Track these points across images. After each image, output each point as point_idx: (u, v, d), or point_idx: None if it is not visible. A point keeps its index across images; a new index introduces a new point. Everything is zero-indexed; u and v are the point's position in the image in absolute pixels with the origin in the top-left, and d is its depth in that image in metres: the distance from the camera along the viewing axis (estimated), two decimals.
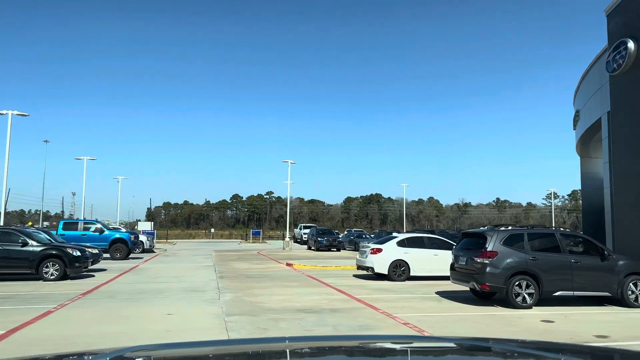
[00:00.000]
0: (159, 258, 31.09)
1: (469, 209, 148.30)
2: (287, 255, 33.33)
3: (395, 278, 17.81)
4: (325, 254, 35.44)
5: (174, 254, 35.60)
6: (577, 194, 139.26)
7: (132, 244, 29.41)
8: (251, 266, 24.66)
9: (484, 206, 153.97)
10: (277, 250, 40.35)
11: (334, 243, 38.85)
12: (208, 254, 35.98)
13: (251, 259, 29.89)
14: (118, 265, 24.57)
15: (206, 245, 54.26)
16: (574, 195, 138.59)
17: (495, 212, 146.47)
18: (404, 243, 18.40)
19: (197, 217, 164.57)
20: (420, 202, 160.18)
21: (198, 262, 27.81)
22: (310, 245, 41.36)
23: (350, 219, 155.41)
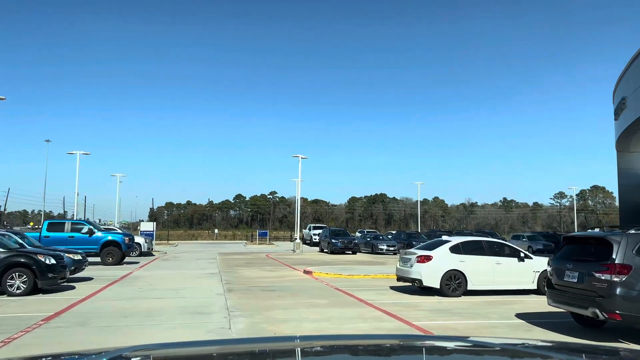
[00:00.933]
0: (157, 263, 27.26)
1: (475, 209, 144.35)
2: (300, 260, 29.51)
3: (449, 293, 13.95)
4: (341, 258, 31.62)
5: (175, 258, 31.78)
6: (586, 193, 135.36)
7: (126, 247, 25.58)
8: (263, 274, 20.85)
9: (489, 206, 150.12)
10: (287, 253, 36.53)
11: (350, 245, 34.98)
12: (212, 257, 32.17)
13: (261, 264, 26.06)
14: (108, 273, 20.78)
15: (210, 247, 50.44)
16: (582, 195, 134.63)
17: (502, 212, 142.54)
18: (459, 249, 14.51)
19: (200, 218, 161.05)
20: (426, 202, 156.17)
21: (201, 268, 24.00)
22: (323, 248, 37.52)
23: (354, 219, 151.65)
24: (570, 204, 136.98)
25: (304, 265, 24.81)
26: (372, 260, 29.93)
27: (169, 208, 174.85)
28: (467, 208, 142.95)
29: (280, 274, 20.64)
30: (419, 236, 37.52)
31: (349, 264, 25.95)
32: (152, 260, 29.30)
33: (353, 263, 27.08)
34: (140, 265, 25.32)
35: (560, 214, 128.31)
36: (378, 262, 27.85)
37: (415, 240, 35.98)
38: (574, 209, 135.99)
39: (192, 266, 24.92)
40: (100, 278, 18.73)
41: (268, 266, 24.89)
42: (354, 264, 26.04)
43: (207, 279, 18.61)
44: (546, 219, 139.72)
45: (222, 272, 21.51)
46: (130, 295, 14.39)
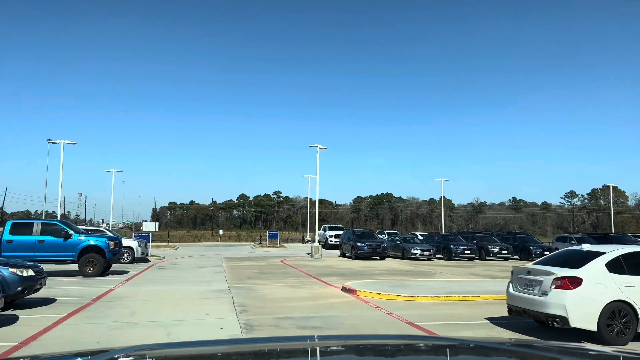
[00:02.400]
0: (150, 273, 21.64)
1: (484, 208, 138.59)
2: (324, 268, 23.90)
3: (611, 338, 8.31)
4: (371, 265, 26.00)
5: (174, 265, 26.14)
6: (597, 193, 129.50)
7: (111, 254, 19.96)
8: (288, 292, 15.22)
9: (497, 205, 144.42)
10: (304, 258, 30.92)
11: (378, 250, 29.32)
12: (217, 264, 26.54)
13: (280, 275, 20.44)
14: (81, 290, 15.22)
15: (214, 250, 44.75)
16: (593, 194, 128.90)
17: (511, 212, 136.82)
18: (619, 266, 8.88)
19: (203, 218, 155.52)
20: (432, 201, 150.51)
21: (204, 280, 18.39)
22: (345, 252, 31.87)
23: (360, 219, 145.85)
24: (581, 203, 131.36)
25: (334, 277, 19.20)
26: (410, 269, 24.32)
27: (172, 208, 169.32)
28: (476, 208, 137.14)
29: (312, 293, 15.00)
30: (455, 238, 31.91)
31: (390, 275, 20.34)
32: (145, 268, 23.68)
33: (392, 273, 21.47)
34: (128, 276, 19.73)
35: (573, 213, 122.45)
36: (421, 272, 22.24)
37: (453, 244, 30.38)
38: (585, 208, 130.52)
39: (193, 278, 19.29)
40: (66, 300, 13.18)
41: (290, 278, 19.26)
42: (397, 275, 20.44)
43: (213, 302, 12.97)
44: (556, 218, 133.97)
45: (233, 288, 15.89)
46: (93, 337, 8.81)
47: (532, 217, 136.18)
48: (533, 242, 32.82)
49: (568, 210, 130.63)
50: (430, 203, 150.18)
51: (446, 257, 30.65)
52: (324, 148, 32.19)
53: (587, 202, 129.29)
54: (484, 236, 33.15)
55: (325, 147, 32.08)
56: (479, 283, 17.30)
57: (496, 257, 31.25)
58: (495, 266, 26.86)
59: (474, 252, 30.32)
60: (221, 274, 20.63)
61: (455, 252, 30.19)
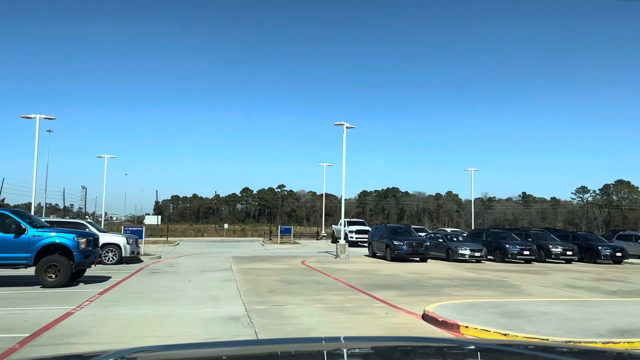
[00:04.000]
0: (136, 281, 15.85)
1: (492, 203, 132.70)
2: (361, 273, 18.15)
3: None
4: (418, 269, 20.27)
5: (169, 268, 20.37)
6: (610, 188, 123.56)
7: (82, 255, 14.22)
8: (338, 320, 9.44)
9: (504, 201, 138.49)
10: (328, 259, 25.20)
11: (420, 250, 23.51)
12: (224, 267, 20.80)
13: (311, 286, 14.65)
14: (15, 317, 9.52)
15: (219, 246, 38.86)
16: (605, 189, 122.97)
17: (520, 207, 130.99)
18: None
19: (206, 211, 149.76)
20: (439, 196, 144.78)
21: (209, 296, 12.63)
22: (376, 251, 26.11)
23: (365, 213, 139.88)
24: (593, 199, 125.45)
25: (390, 291, 13.47)
26: (472, 275, 18.63)
27: (175, 201, 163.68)
28: (485, 203, 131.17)
29: (380, 325, 9.22)
30: (507, 236, 26.07)
31: (458, 288, 14.60)
32: (133, 272, 17.93)
33: (458, 283, 15.73)
34: (106, 286, 14.00)
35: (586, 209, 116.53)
36: (493, 282, 16.52)
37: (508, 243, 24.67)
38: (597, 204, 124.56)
39: (193, 291, 13.50)
40: None
41: (329, 292, 13.45)
42: (466, 286, 14.70)
43: None
44: (566, 214, 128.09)
45: (253, 312, 10.12)
46: None
47: (541, 213, 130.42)
48: (599, 241, 27.02)
49: (579, 206, 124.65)
50: (437, 198, 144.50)
51: (499, 259, 24.90)
52: (351, 127, 26.32)
53: (599, 198, 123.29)
54: (539, 234, 27.37)
55: (353, 126, 26.25)
56: (623, 306, 11.41)
57: (559, 258, 25.48)
58: (573, 271, 21.14)
59: (533, 253, 24.58)
60: (231, 284, 14.87)
61: (511, 253, 24.42)
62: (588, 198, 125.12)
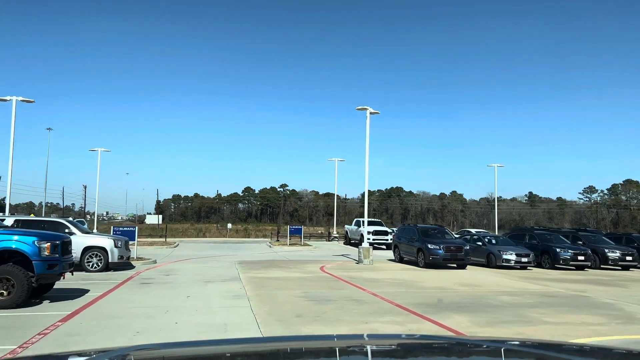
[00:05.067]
0: (118, 299, 12.03)
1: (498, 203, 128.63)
2: (403, 285, 14.42)
3: None
4: (464, 279, 16.57)
5: (165, 277, 16.60)
6: (618, 188, 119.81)
7: (45, 265, 10.51)
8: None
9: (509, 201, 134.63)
10: (350, 265, 21.52)
11: (459, 255, 19.76)
12: (231, 274, 17.06)
13: (350, 307, 10.85)
14: None
15: (222, 248, 35.01)
16: (614, 189, 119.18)
17: (527, 207, 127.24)
18: None
19: (207, 211, 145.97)
20: (443, 196, 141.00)
21: (213, 320, 8.89)
22: (403, 256, 22.38)
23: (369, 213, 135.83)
24: (601, 199, 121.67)
25: (454, 313, 9.76)
26: (538, 289, 14.96)
27: (176, 201, 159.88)
28: (491, 202, 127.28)
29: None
30: (554, 238, 22.27)
31: (549, 309, 10.83)
32: (117, 284, 14.18)
33: (536, 301, 11.98)
34: (76, 307, 10.24)
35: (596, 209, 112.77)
36: (568, 297, 12.79)
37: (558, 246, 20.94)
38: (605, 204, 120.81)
39: (190, 316, 9.72)
40: None
41: (376, 317, 9.69)
42: (559, 307, 10.92)
43: None
44: (573, 214, 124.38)
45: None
46: None
47: (548, 213, 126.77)
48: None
49: (587, 206, 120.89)
50: (441, 197, 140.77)
51: (548, 265, 21.18)
52: (375, 112, 22.56)
53: (607, 198, 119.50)
54: (590, 236, 23.59)
55: (377, 112, 22.50)
56: None
57: (617, 264, 21.76)
58: None
59: (588, 258, 20.86)
60: (243, 303, 11.11)
61: (563, 259, 20.68)
62: (596, 198, 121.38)
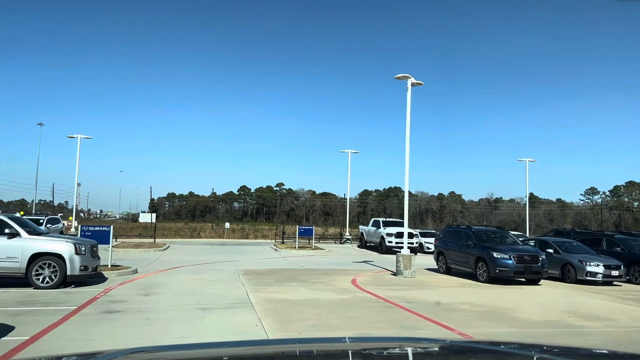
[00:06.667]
0: (57, 345, 6.99)
1: (499, 204, 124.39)
2: (481, 313, 9.42)
3: None
4: (559, 303, 11.57)
5: (145, 297, 11.43)
6: (620, 189, 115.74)
7: None
8: None
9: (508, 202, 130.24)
10: (383, 276, 16.48)
11: (535, 267, 14.71)
12: (236, 294, 11.92)
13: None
14: None
15: (220, 251, 29.49)
16: (616, 191, 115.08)
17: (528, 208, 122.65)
18: None
19: (202, 210, 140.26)
20: (441, 196, 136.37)
21: None
22: (450, 264, 17.31)
23: (366, 213, 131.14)
24: (603, 200, 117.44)
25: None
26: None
27: (171, 199, 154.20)
28: (491, 203, 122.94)
29: None
30: None
31: None
32: (67, 315, 9.00)
33: None
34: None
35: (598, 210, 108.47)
36: None
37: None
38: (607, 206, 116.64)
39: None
40: None
41: None
42: None
43: None
44: (574, 216, 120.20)
45: None
46: None
47: (549, 215, 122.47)
48: None
49: (588, 208, 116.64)
50: (440, 198, 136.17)
51: (639, 280, 16.24)
52: (418, 83, 17.31)
53: (610, 200, 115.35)
54: None
55: (421, 83, 17.36)
56: None
57: None
58: None
59: None
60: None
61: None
62: (597, 200, 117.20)
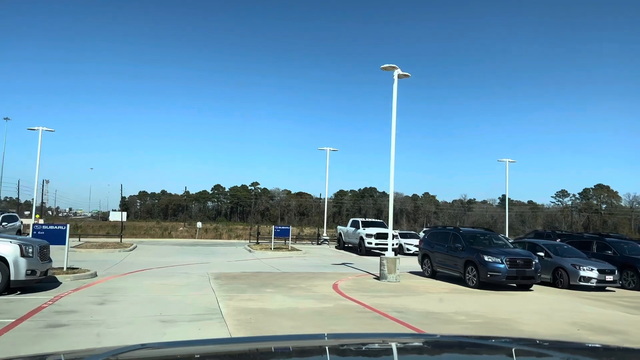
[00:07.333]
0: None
1: (472, 205, 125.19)
2: (479, 325, 8.30)
3: None
4: (562, 312, 10.55)
5: (99, 306, 9.93)
6: (589, 192, 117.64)
7: None
8: None
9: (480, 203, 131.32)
10: (366, 280, 15.27)
11: (528, 271, 13.66)
12: (205, 302, 10.47)
13: None
14: None
15: (190, 252, 27.72)
16: (585, 194, 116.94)
17: (500, 210, 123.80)
18: None
19: (175, 208, 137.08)
20: (416, 197, 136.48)
21: None
22: (436, 268, 16.19)
23: (342, 213, 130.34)
24: (572, 203, 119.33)
25: None
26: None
27: (142, 197, 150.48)
28: (465, 204, 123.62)
29: None
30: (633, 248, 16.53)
31: None
32: (2, 329, 7.53)
33: None
34: None
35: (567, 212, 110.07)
36: None
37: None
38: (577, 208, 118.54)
39: None
40: None
41: None
42: None
43: None
44: (545, 217, 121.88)
45: None
46: None
47: (520, 216, 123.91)
48: None
49: (559, 210, 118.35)
50: (414, 199, 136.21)
51: (635, 286, 15.41)
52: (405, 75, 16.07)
53: (579, 202, 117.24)
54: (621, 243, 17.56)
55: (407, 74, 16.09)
56: None
57: None
58: None
59: None
60: None
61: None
62: (568, 202, 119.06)
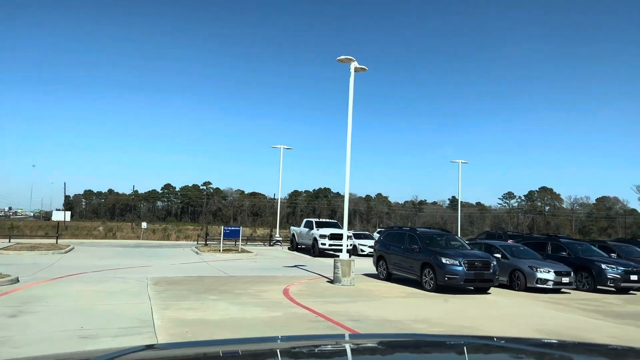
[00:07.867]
0: None
1: (423, 206, 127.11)
2: None
3: None
4: (517, 317, 9.98)
5: (11, 320, 8.45)
6: (534, 195, 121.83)
7: None
8: None
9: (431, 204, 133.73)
10: (319, 284, 14.34)
11: (486, 274, 13.06)
12: (137, 313, 9.23)
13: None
14: None
15: (132, 254, 25.94)
16: (530, 196, 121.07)
17: (450, 211, 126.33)
18: None
19: (122, 208, 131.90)
20: (369, 198, 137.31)
21: None
22: (391, 270, 15.45)
23: (296, 214, 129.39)
24: (518, 204, 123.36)
25: None
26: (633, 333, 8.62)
27: (88, 197, 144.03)
28: (416, 205, 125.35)
29: None
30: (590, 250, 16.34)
31: None
32: None
33: None
34: None
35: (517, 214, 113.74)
36: None
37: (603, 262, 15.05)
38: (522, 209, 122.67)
39: None
40: None
41: None
42: None
43: None
44: (492, 219, 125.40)
45: None
46: None
47: (469, 217, 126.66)
48: None
49: (506, 211, 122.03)
50: (367, 200, 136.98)
51: (588, 287, 15.23)
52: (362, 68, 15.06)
53: (525, 204, 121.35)
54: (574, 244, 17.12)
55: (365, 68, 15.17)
56: None
57: None
58: None
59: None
60: None
61: (611, 278, 14.77)
62: (514, 204, 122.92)
